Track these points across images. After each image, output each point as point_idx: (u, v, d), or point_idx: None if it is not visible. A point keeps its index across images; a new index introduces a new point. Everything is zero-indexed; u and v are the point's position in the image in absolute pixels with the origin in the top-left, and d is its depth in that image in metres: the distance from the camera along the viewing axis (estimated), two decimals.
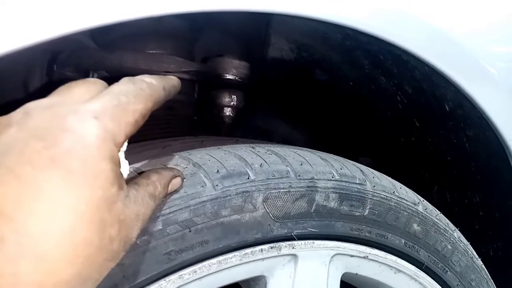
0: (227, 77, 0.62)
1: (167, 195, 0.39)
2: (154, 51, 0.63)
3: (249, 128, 0.84)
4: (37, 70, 0.66)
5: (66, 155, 0.26)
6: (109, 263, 0.29)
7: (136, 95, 0.31)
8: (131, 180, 0.34)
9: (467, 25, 0.55)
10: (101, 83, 0.33)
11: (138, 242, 0.37)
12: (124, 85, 0.32)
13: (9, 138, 0.27)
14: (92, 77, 0.64)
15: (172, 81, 0.36)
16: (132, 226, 0.30)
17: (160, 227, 0.38)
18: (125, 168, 0.32)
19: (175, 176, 0.39)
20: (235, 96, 0.65)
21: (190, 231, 0.39)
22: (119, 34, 0.62)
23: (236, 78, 0.62)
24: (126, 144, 0.32)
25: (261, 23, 0.64)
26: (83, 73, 0.63)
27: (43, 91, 0.33)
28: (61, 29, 0.32)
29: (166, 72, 0.61)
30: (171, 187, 0.38)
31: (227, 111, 0.65)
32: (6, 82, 0.60)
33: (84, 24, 0.33)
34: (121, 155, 0.32)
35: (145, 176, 0.35)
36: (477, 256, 0.62)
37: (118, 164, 0.29)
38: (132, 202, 0.30)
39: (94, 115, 0.28)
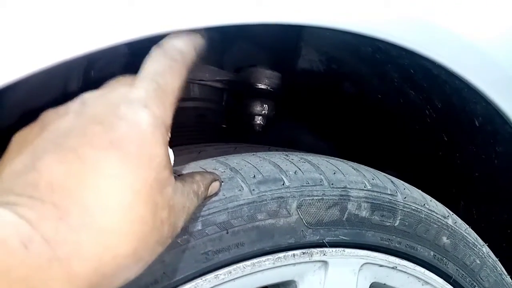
0: (259, 87, 0.63)
1: (207, 197, 0.40)
2: None
3: (275, 137, 0.85)
4: (75, 76, 0.69)
5: (123, 139, 0.28)
6: (158, 247, 0.30)
7: (171, 71, 0.32)
8: (178, 177, 0.35)
9: (499, 38, 0.55)
10: None
11: (179, 241, 0.38)
12: (157, 61, 0.32)
13: (68, 123, 0.29)
14: None
15: (199, 38, 0.35)
16: (179, 215, 0.32)
17: (199, 227, 0.40)
18: (171, 155, 0.33)
19: (215, 180, 0.40)
20: (266, 105, 0.66)
21: (227, 232, 0.41)
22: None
23: (268, 87, 0.63)
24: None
25: (292, 35, 0.66)
26: None
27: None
28: (102, 42, 0.33)
29: (200, 81, 0.63)
30: (210, 190, 0.40)
31: (258, 120, 0.66)
32: (48, 88, 0.62)
33: (124, 37, 0.34)
34: None
35: (190, 175, 0.37)
36: (506, 273, 0.61)
37: (168, 150, 0.31)
38: (179, 193, 0.32)
39: (143, 104, 0.29)
